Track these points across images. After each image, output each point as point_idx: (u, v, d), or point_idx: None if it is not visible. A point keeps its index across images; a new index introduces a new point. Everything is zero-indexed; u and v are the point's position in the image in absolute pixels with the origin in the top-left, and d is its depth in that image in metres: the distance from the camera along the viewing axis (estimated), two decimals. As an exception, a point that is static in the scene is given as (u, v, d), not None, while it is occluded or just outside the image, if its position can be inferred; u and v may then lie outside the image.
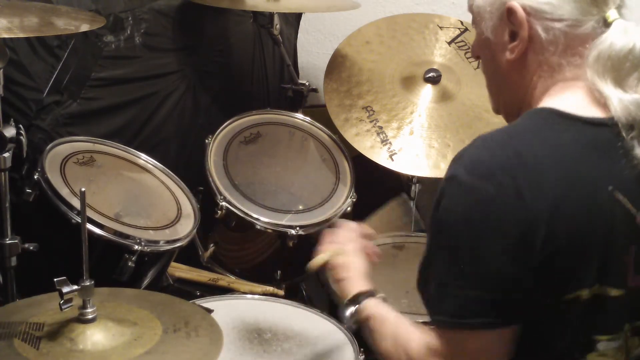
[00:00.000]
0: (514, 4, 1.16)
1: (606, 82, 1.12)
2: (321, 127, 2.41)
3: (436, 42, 2.47)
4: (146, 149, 2.17)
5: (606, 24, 1.14)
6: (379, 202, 2.05)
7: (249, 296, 1.96)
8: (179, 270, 2.19)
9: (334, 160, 2.34)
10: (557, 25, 1.14)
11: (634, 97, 1.11)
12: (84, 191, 1.28)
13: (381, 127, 2.30)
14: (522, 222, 1.05)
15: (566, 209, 1.06)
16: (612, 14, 1.14)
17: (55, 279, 1.27)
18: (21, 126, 1.74)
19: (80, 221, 1.41)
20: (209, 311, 1.69)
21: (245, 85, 2.72)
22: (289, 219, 2.14)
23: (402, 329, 1.25)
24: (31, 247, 1.75)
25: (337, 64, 2.45)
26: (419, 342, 1.18)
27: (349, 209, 2.21)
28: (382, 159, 2.24)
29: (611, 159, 1.10)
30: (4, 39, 1.67)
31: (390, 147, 2.25)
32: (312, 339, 1.74)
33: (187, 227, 1.98)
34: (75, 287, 1.27)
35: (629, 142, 1.10)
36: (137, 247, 1.80)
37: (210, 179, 2.14)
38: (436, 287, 1.13)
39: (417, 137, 2.27)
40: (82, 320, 1.29)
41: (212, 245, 2.22)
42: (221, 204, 2.09)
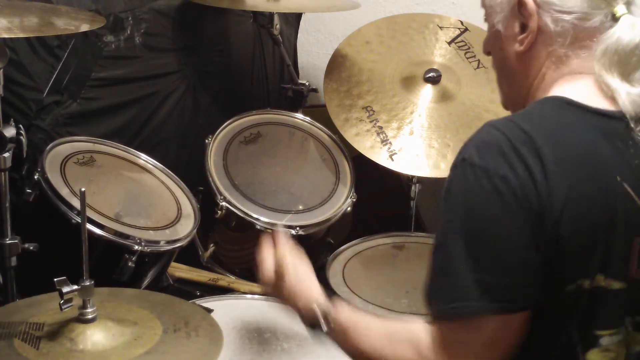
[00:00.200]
0: None
1: (613, 76, 1.13)
2: (321, 127, 2.40)
3: (436, 42, 2.47)
4: (146, 149, 2.17)
5: (614, 19, 1.15)
6: (379, 202, 2.06)
7: (249, 296, 1.96)
8: (179, 270, 2.19)
9: (334, 160, 2.34)
10: (566, 17, 1.15)
11: None
12: (84, 191, 1.28)
13: (381, 127, 2.29)
14: (534, 202, 1.05)
15: (575, 194, 1.06)
16: (620, 9, 1.15)
17: (55, 279, 1.27)
18: (21, 126, 1.74)
19: (80, 221, 1.41)
20: (209, 311, 1.69)
21: (245, 85, 2.72)
22: (289, 219, 2.14)
23: (395, 328, 1.21)
24: (31, 247, 1.75)
25: (337, 64, 2.45)
26: (427, 335, 1.13)
27: (349, 209, 2.21)
28: (382, 159, 2.24)
29: (620, 150, 1.11)
30: (4, 39, 1.67)
31: (390, 147, 2.25)
32: (312, 339, 1.74)
33: (187, 227, 1.98)
34: (75, 287, 1.27)
35: (637, 134, 1.11)
36: (137, 247, 1.80)
37: (210, 179, 2.14)
38: (450, 275, 1.09)
39: (417, 137, 2.27)
40: (82, 320, 1.29)
41: (212, 245, 2.22)
42: (221, 204, 2.09)
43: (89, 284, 1.28)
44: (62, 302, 1.26)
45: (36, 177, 1.81)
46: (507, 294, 1.07)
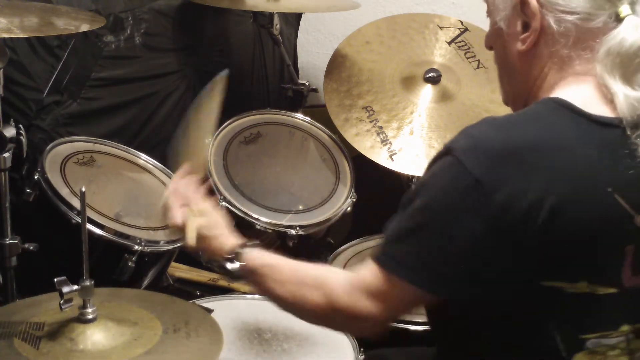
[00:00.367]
0: None
1: (615, 79, 1.12)
2: (321, 127, 2.40)
3: (436, 42, 2.47)
4: (146, 149, 2.17)
5: (618, 19, 1.13)
6: (379, 202, 2.05)
7: (249, 296, 1.96)
8: (179, 270, 2.19)
9: (334, 160, 2.34)
10: (569, 17, 1.15)
11: None
12: (84, 191, 1.28)
13: (381, 127, 2.29)
14: (507, 208, 1.05)
15: (561, 203, 1.06)
16: (624, 9, 1.13)
17: (55, 279, 1.27)
18: (21, 126, 1.74)
19: (80, 221, 1.41)
20: (209, 311, 1.69)
21: (245, 85, 2.72)
22: (289, 219, 2.14)
23: (309, 272, 1.28)
24: (31, 247, 1.75)
25: (337, 64, 2.45)
26: (339, 281, 1.20)
27: (349, 209, 2.21)
28: (382, 159, 2.24)
29: (614, 160, 1.10)
30: (4, 39, 1.67)
31: (390, 147, 2.25)
32: (312, 339, 1.74)
33: (187, 227, 1.98)
34: (75, 287, 1.27)
35: (633, 141, 1.10)
36: (137, 247, 1.80)
37: (210, 179, 2.14)
38: (397, 234, 1.15)
39: (417, 137, 2.27)
40: (82, 320, 1.29)
41: (212, 245, 2.22)
42: (221, 204, 2.09)
43: (89, 284, 1.28)
44: (62, 302, 1.26)
45: (36, 177, 1.81)
46: (430, 275, 1.11)
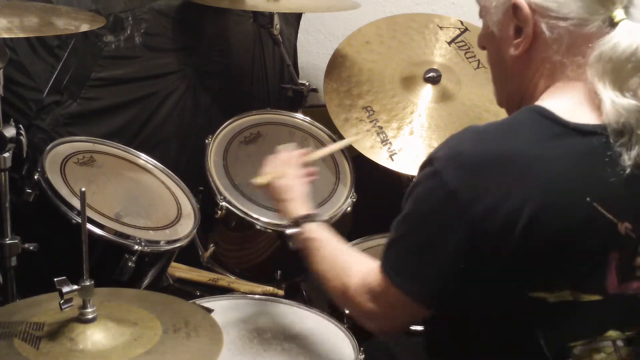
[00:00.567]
0: (520, 0, 1.16)
1: (604, 84, 1.11)
2: (321, 127, 2.40)
3: (436, 42, 2.47)
4: (146, 149, 2.17)
5: (612, 24, 1.12)
6: (379, 202, 2.06)
7: (249, 296, 1.96)
8: (179, 270, 2.19)
9: (334, 160, 2.34)
10: (562, 24, 1.14)
11: (628, 102, 1.09)
12: (84, 191, 1.28)
13: (381, 127, 2.30)
14: (485, 219, 1.07)
15: (539, 214, 1.06)
16: (618, 13, 1.12)
17: (55, 279, 1.27)
18: (21, 126, 1.74)
19: (80, 221, 1.41)
20: (209, 311, 1.69)
21: (245, 85, 2.73)
22: (289, 219, 2.14)
23: (342, 258, 1.33)
24: (31, 247, 1.75)
25: (337, 64, 2.45)
26: (358, 275, 1.26)
27: (349, 209, 2.22)
28: (382, 159, 2.24)
29: (594, 169, 1.09)
30: (4, 39, 1.67)
31: (390, 147, 2.25)
32: (312, 339, 1.74)
33: (187, 227, 1.98)
34: (75, 287, 1.27)
35: (616, 149, 1.09)
36: (137, 247, 1.80)
37: (210, 179, 2.14)
38: (392, 238, 1.20)
39: (417, 137, 2.27)
40: (82, 320, 1.29)
41: (212, 245, 2.22)
42: (221, 204, 2.09)
43: (89, 284, 1.28)
44: (62, 302, 1.26)
45: (36, 177, 1.81)
46: (418, 285, 1.15)
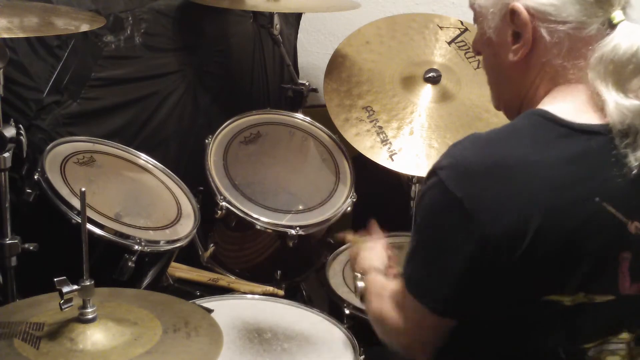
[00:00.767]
0: (517, 5, 1.15)
1: (607, 86, 1.11)
2: (321, 127, 2.41)
3: (436, 42, 2.47)
4: (146, 149, 2.17)
5: (611, 26, 1.12)
6: (379, 202, 2.06)
7: (249, 296, 1.96)
8: (179, 270, 2.19)
9: (334, 160, 2.34)
10: (562, 27, 1.13)
11: (632, 103, 1.09)
12: (84, 191, 1.28)
13: (381, 127, 2.29)
14: (493, 227, 1.06)
15: (551, 217, 1.06)
16: (617, 15, 1.12)
17: (55, 279, 1.27)
18: (21, 126, 1.74)
19: (80, 221, 1.41)
20: (209, 311, 1.69)
21: (245, 85, 2.72)
22: (289, 219, 2.14)
23: (386, 287, 1.33)
24: (31, 247, 1.75)
25: (337, 64, 2.45)
26: (389, 295, 1.29)
27: (349, 209, 2.22)
28: (382, 159, 2.24)
29: (601, 169, 1.09)
30: (4, 39, 1.67)
31: (390, 147, 2.25)
32: (312, 339, 1.74)
33: (187, 227, 1.98)
34: (75, 287, 1.27)
35: (621, 150, 1.09)
36: (137, 247, 1.80)
37: (210, 179, 2.14)
38: (409, 250, 1.20)
39: (417, 137, 2.27)
40: (82, 320, 1.29)
41: (212, 245, 2.22)
42: (221, 204, 2.09)
43: (89, 284, 1.28)
44: (62, 302, 1.26)
45: (36, 177, 1.81)
46: (432, 295, 1.15)
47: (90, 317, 1.29)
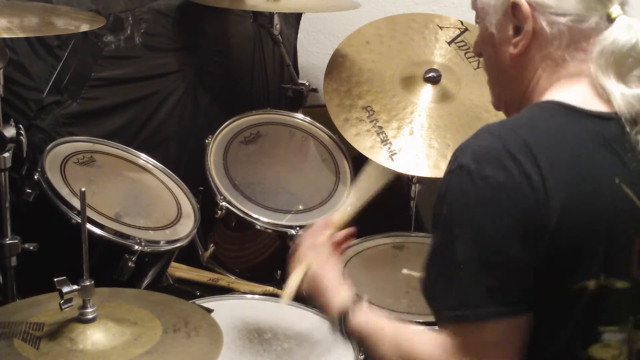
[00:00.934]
0: None
1: (609, 78, 1.13)
2: (321, 127, 2.41)
3: (436, 42, 2.47)
4: (146, 149, 2.17)
5: (610, 20, 1.14)
6: (378, 202, 2.06)
7: (249, 296, 1.96)
8: (179, 270, 2.19)
9: (334, 160, 2.34)
10: (562, 19, 1.15)
11: (636, 92, 1.12)
12: (84, 191, 1.28)
13: (381, 127, 2.29)
14: (532, 208, 1.05)
15: (573, 198, 1.06)
16: (615, 10, 1.14)
17: (55, 279, 1.27)
18: (21, 126, 1.74)
19: (80, 221, 1.41)
20: (209, 311, 1.69)
21: (245, 85, 2.73)
22: (289, 219, 2.14)
23: (403, 335, 1.21)
24: (31, 247, 1.75)
25: (337, 64, 2.45)
26: (429, 345, 1.14)
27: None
28: (382, 159, 2.24)
29: (617, 153, 1.11)
30: (4, 39, 1.67)
31: (390, 147, 2.25)
32: (312, 339, 1.74)
33: (187, 227, 1.98)
34: (75, 287, 1.27)
35: (633, 136, 1.11)
36: (137, 247, 1.80)
37: (210, 179, 2.14)
38: (445, 281, 1.09)
39: (417, 137, 2.27)
40: (82, 320, 1.29)
41: (212, 245, 2.22)
42: (221, 204, 2.09)
43: (89, 284, 1.28)
44: (62, 302, 1.26)
45: (36, 177, 1.81)
46: (512, 298, 1.07)
47: (90, 317, 1.29)
